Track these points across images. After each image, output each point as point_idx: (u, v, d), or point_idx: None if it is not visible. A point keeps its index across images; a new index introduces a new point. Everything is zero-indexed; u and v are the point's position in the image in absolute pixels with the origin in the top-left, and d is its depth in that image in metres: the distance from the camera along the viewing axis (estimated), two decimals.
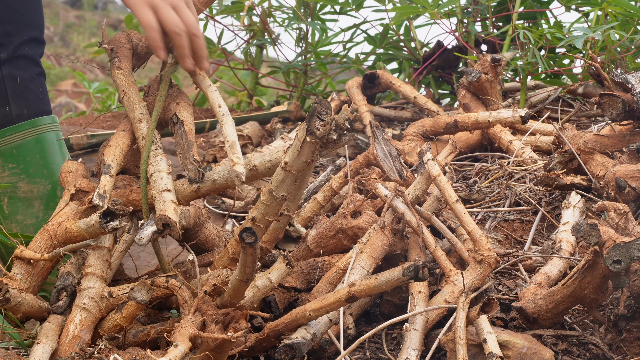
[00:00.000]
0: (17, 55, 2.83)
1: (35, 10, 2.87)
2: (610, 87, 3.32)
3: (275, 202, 2.33)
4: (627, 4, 3.67)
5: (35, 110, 2.85)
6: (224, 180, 2.40)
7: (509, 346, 2.23)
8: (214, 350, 2.11)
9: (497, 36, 4.15)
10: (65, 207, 2.40)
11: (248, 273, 2.15)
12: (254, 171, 2.40)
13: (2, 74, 2.82)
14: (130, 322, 2.27)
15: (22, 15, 2.84)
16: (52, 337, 2.22)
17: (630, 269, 2.25)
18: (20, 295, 2.25)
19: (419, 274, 2.14)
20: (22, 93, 2.83)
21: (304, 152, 2.22)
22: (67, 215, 2.38)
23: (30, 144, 2.81)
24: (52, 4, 12.57)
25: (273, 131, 4.01)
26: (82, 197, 2.42)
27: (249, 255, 2.11)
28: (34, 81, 2.86)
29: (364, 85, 3.93)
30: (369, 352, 2.43)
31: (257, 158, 2.40)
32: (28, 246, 2.36)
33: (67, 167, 2.52)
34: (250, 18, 4.49)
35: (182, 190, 2.40)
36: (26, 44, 2.85)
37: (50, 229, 2.36)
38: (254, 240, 2.08)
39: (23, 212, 2.80)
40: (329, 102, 2.17)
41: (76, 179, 2.47)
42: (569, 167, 3.05)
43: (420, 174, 2.63)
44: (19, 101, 2.83)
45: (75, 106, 6.81)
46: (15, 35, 2.82)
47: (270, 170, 2.37)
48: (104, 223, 2.21)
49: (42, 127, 2.83)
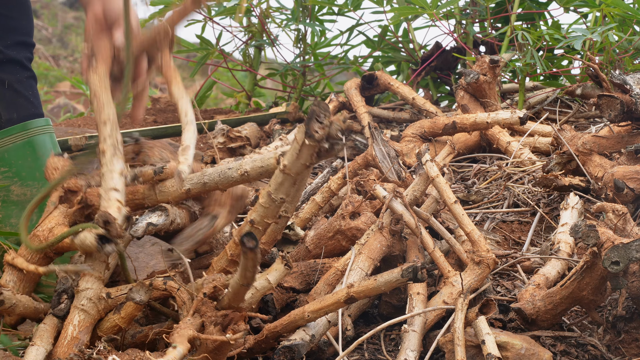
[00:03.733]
0: (5, 59, 2.83)
1: (20, 14, 2.87)
2: (608, 88, 3.32)
3: (274, 205, 2.33)
4: (625, 5, 3.68)
5: (26, 113, 2.84)
6: (215, 183, 2.41)
7: (508, 347, 2.23)
8: (212, 351, 2.11)
9: (496, 37, 4.15)
10: (54, 210, 2.36)
11: (249, 277, 2.15)
12: (246, 177, 2.40)
13: None
14: (128, 323, 2.27)
15: (6, 20, 2.84)
16: (46, 339, 2.21)
17: (629, 270, 2.25)
18: (15, 297, 2.24)
19: (417, 275, 2.15)
20: (11, 97, 2.83)
21: (302, 155, 2.22)
22: (58, 220, 2.34)
23: (21, 147, 2.80)
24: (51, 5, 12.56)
25: (271, 132, 4.01)
26: (71, 197, 2.38)
27: (249, 260, 2.11)
28: (23, 84, 2.86)
29: (362, 87, 3.93)
30: (367, 353, 2.43)
31: (248, 163, 2.40)
32: (18, 252, 2.31)
33: (53, 164, 2.46)
34: (248, 19, 4.49)
35: (172, 191, 2.40)
36: (13, 48, 2.84)
37: (41, 235, 2.33)
38: (254, 245, 2.07)
39: (17, 216, 2.80)
40: (327, 105, 2.17)
41: (62, 176, 2.42)
42: (567, 168, 3.05)
43: (418, 175, 2.63)
44: (9, 105, 2.83)
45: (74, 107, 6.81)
46: (1, 40, 2.82)
47: (262, 175, 2.37)
48: (100, 246, 2.19)
49: (34, 130, 2.83)
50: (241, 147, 3.83)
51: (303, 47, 4.43)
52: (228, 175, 2.42)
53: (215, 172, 2.41)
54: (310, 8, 4.32)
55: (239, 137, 3.84)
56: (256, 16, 4.41)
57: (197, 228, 2.46)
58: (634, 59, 3.71)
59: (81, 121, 4.54)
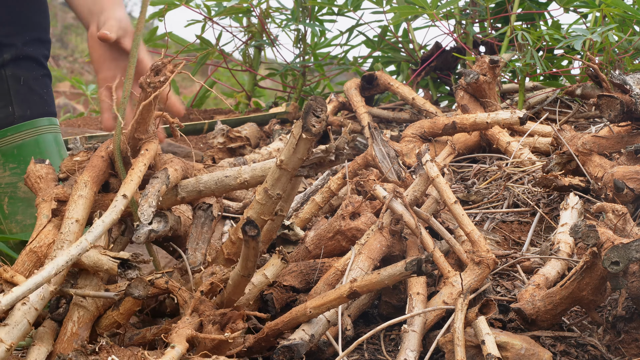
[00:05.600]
0: (21, 56, 2.83)
1: (38, 11, 2.87)
2: (608, 88, 3.32)
3: (271, 201, 2.33)
4: (625, 5, 3.67)
5: (39, 110, 2.84)
6: (211, 191, 2.40)
7: (507, 347, 2.23)
8: (211, 350, 2.11)
9: (496, 37, 4.15)
10: (48, 223, 2.31)
11: (250, 267, 2.14)
12: (245, 185, 2.40)
13: (5, 74, 2.81)
14: (127, 319, 2.27)
15: (24, 16, 2.84)
16: (47, 340, 2.21)
17: (629, 270, 2.25)
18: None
19: (422, 267, 2.12)
20: (25, 94, 2.83)
21: (299, 150, 2.22)
22: (54, 235, 2.29)
23: (30, 144, 2.81)
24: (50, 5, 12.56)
25: (271, 132, 4.01)
26: (61, 208, 2.33)
27: (251, 249, 2.10)
28: (38, 82, 2.86)
29: (362, 87, 3.93)
30: (367, 354, 2.43)
31: (247, 172, 2.40)
32: (13, 266, 2.26)
33: (37, 172, 2.41)
34: (248, 19, 4.49)
35: (167, 199, 2.39)
36: (30, 44, 2.84)
37: (38, 251, 2.27)
38: (256, 233, 2.07)
39: (23, 212, 2.80)
40: (323, 99, 2.17)
41: (48, 185, 2.38)
42: (567, 169, 3.04)
43: (418, 175, 2.63)
44: (22, 102, 2.83)
45: (74, 107, 6.80)
46: (18, 36, 2.82)
47: (262, 183, 2.37)
48: (122, 272, 2.17)
49: (41, 128, 2.83)
50: (241, 147, 3.84)
51: (303, 47, 4.43)
52: (226, 184, 2.41)
53: (212, 180, 2.40)
54: (310, 8, 4.32)
55: (239, 137, 3.84)
56: (256, 16, 4.40)
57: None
58: (634, 59, 3.71)
59: (81, 121, 4.54)
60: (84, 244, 2.08)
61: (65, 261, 2.04)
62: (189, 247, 2.40)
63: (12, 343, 2.01)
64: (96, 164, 2.33)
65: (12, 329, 2.05)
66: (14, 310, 2.07)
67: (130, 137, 2.32)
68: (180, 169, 2.40)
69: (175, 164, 2.40)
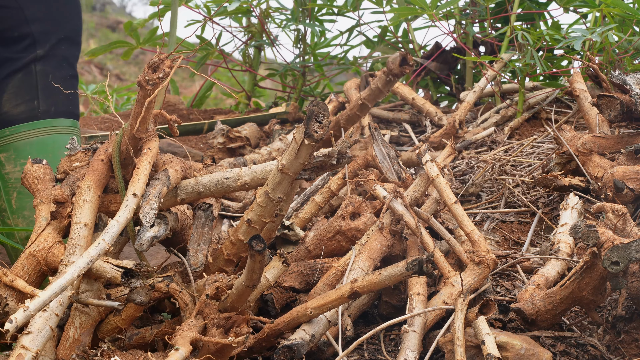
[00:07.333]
0: (53, 54, 2.84)
1: (73, 12, 2.90)
2: (608, 88, 3.32)
3: (272, 204, 2.33)
4: (625, 5, 3.67)
5: (63, 109, 2.86)
6: (211, 192, 2.40)
7: (507, 347, 2.23)
8: (214, 353, 2.11)
9: (496, 37, 4.14)
10: (47, 226, 2.30)
11: (255, 279, 2.15)
12: (245, 187, 2.40)
13: (35, 69, 2.83)
14: (129, 324, 2.26)
15: (60, 15, 2.86)
16: (49, 348, 2.21)
17: (629, 270, 2.25)
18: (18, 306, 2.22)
19: (423, 267, 2.12)
20: (52, 91, 2.84)
21: (301, 155, 2.22)
22: (54, 238, 2.29)
23: (44, 142, 2.82)
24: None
25: (271, 132, 4.01)
26: (60, 210, 2.32)
27: (257, 262, 2.11)
28: (65, 82, 2.87)
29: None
30: (367, 354, 2.43)
31: (248, 174, 2.39)
32: (12, 269, 2.26)
33: (34, 172, 2.40)
34: (248, 19, 4.49)
35: (166, 200, 2.39)
36: (62, 43, 2.86)
37: (38, 255, 2.27)
38: (262, 248, 2.08)
39: (30, 208, 2.81)
40: (326, 105, 2.17)
41: (46, 186, 2.38)
42: (567, 169, 3.04)
43: (419, 175, 2.63)
44: (48, 98, 2.84)
45: None
46: (52, 34, 2.84)
47: (262, 186, 2.37)
48: (126, 282, 2.17)
49: (58, 128, 2.84)
50: (241, 147, 3.84)
51: (303, 47, 4.43)
52: (226, 185, 2.41)
53: (212, 182, 2.40)
54: (310, 8, 4.32)
55: (239, 137, 3.85)
56: (256, 16, 4.40)
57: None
58: (634, 59, 3.71)
59: (81, 121, 4.54)
60: (102, 245, 2.09)
61: (86, 263, 2.06)
62: (191, 248, 2.40)
63: (37, 350, 2.02)
64: (97, 167, 2.34)
65: (35, 336, 2.05)
66: (35, 318, 2.07)
67: (130, 136, 2.32)
68: (180, 170, 2.40)
69: (175, 164, 2.40)
